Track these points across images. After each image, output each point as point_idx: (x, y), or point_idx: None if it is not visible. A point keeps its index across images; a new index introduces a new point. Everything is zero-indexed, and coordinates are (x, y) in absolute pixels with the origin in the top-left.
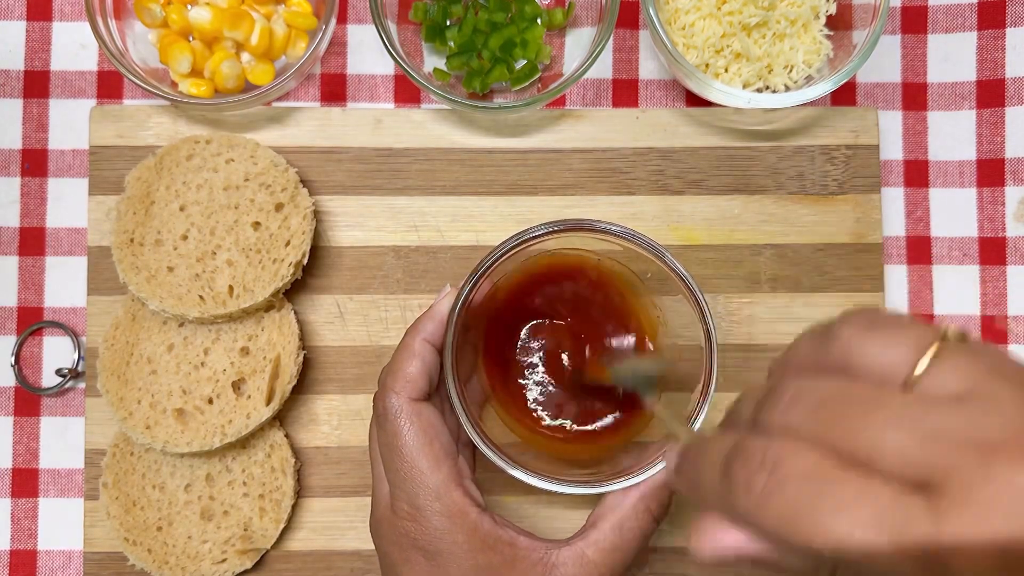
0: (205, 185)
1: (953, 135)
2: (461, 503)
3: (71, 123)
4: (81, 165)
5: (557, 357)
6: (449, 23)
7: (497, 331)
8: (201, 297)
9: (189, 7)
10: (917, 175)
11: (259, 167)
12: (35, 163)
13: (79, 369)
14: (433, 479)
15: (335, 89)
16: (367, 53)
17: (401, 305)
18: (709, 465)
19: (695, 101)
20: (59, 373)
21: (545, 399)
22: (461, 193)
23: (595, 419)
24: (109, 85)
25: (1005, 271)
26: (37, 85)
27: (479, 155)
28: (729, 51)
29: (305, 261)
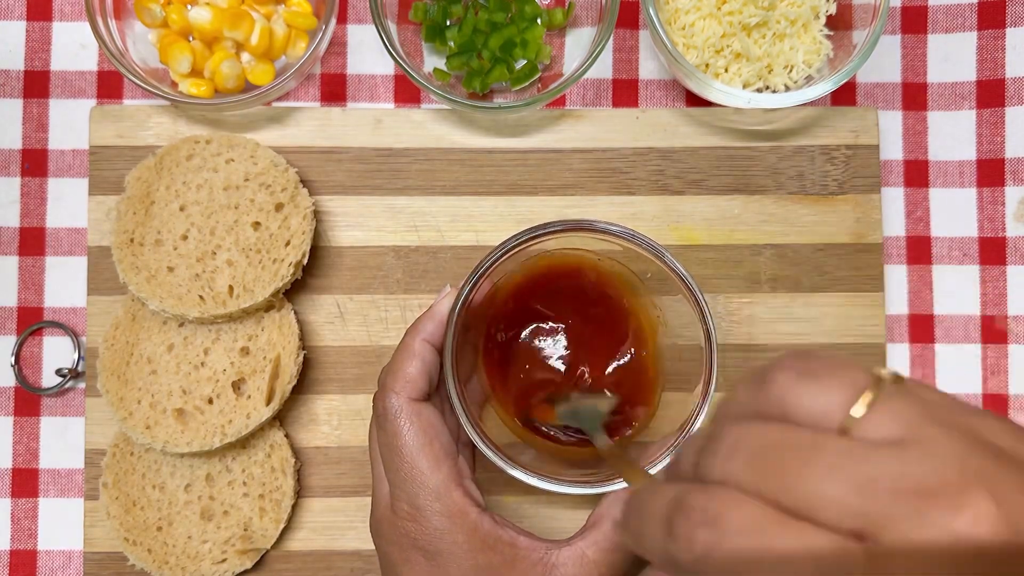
0: (205, 185)
1: (953, 135)
2: (461, 503)
3: (71, 123)
4: (81, 165)
5: (556, 358)
6: (449, 23)
7: (497, 331)
8: (201, 297)
9: (189, 7)
10: (917, 175)
11: (259, 167)
12: (35, 163)
13: (79, 369)
14: (433, 479)
15: (335, 89)
16: (367, 53)
17: (401, 305)
18: (652, 519)
19: (695, 101)
20: (59, 373)
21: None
22: (461, 193)
23: None
24: (109, 85)
25: (1005, 271)
26: (37, 85)
27: (479, 155)
28: (729, 51)
29: (305, 261)
